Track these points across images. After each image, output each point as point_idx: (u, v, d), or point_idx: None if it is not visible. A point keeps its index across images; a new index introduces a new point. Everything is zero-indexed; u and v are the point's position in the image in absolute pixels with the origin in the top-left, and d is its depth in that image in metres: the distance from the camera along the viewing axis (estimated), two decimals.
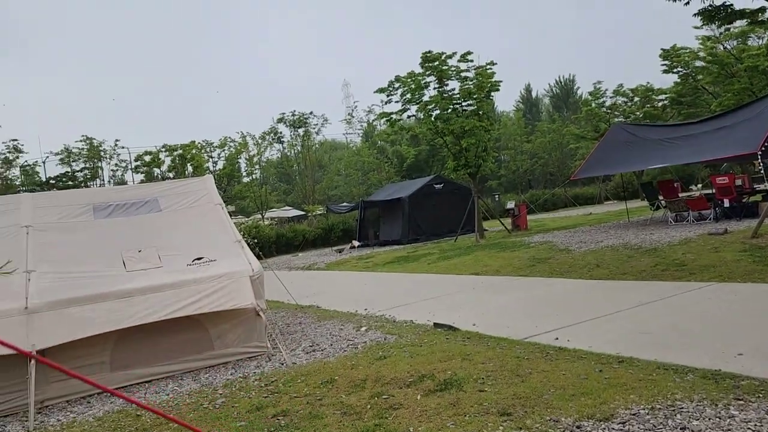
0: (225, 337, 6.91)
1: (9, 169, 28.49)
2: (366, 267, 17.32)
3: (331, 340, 7.31)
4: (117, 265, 6.85)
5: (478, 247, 17.06)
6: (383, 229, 25.10)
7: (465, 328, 7.17)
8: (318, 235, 29.09)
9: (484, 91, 19.19)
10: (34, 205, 7.52)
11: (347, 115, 42.44)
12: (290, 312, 10.17)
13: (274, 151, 44.07)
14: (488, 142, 19.38)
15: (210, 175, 9.16)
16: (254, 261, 7.24)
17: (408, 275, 13.98)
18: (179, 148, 38.74)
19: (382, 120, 22.23)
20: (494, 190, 45.34)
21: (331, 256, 22.52)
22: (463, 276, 12.35)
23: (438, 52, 19.11)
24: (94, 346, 6.24)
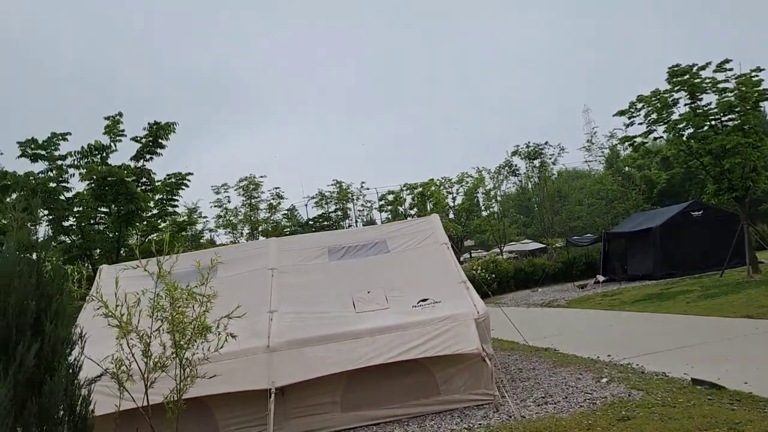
0: (451, 383, 6.66)
1: (273, 213, 32.63)
2: (611, 305, 15.82)
3: (567, 392, 6.60)
4: (348, 306, 7.10)
5: (751, 284, 14.47)
6: (631, 263, 22.88)
7: (733, 386, 5.91)
8: (558, 270, 27.71)
9: (749, 103, 16.53)
10: (279, 249, 8.25)
11: (586, 142, 40.29)
12: (524, 355, 9.59)
13: (509, 184, 43.66)
14: (758, 160, 16.54)
15: (436, 214, 9.16)
16: (479, 303, 6.94)
17: (661, 316, 12.35)
18: (419, 186, 40.62)
19: (625, 144, 20.47)
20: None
21: (572, 292, 21.18)
22: (732, 319, 10.46)
23: (688, 65, 17.06)
24: (327, 386, 6.47)
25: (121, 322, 4.53)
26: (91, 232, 14.38)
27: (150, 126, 14.70)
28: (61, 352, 4.32)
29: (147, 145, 14.67)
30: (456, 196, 45.83)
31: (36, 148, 13.74)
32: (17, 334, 4.17)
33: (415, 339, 6.47)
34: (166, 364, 4.58)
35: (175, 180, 16.08)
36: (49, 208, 13.54)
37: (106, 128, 14.17)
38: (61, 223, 13.82)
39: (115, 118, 14.31)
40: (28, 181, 13.33)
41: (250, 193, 31.50)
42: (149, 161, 14.82)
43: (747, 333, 8.86)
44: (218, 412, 6.36)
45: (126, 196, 13.58)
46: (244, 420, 6.33)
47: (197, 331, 4.65)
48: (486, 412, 6.28)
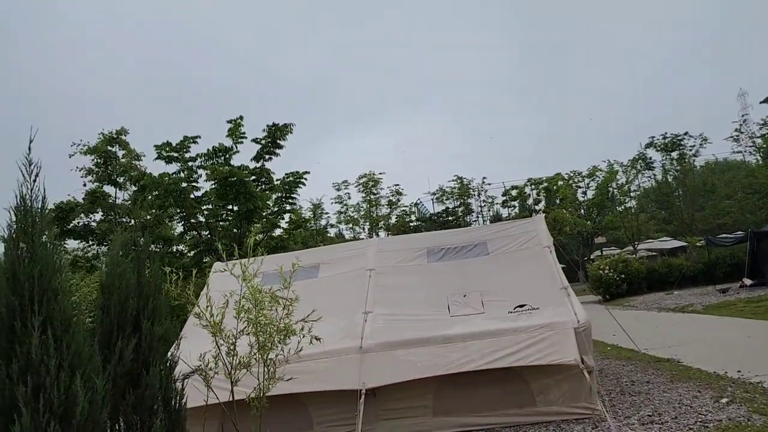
0: (548, 394, 6.35)
1: (393, 209, 33.09)
2: (755, 313, 14.27)
3: (678, 412, 6.04)
4: (442, 310, 7.00)
5: None
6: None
7: None
8: (698, 271, 25.49)
9: None
10: (378, 250, 8.31)
11: (734, 131, 36.58)
12: (641, 366, 8.91)
13: (644, 178, 40.80)
14: None
15: (542, 215, 8.77)
16: (580, 311, 6.53)
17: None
18: (544, 181, 39.20)
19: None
20: None
21: (712, 297, 19.39)
22: None
23: None
24: (418, 389, 6.43)
25: (211, 322, 4.76)
26: (217, 228, 15.43)
27: (269, 128, 15.47)
28: (157, 348, 4.64)
29: (266, 146, 15.46)
30: (586, 190, 43.73)
31: (170, 151, 14.97)
32: (118, 331, 4.54)
33: (509, 346, 6.23)
34: (251, 364, 4.76)
35: (293, 179, 16.80)
36: (180, 206, 14.70)
37: (229, 131, 15.12)
38: (190, 219, 14.96)
39: (237, 122, 15.22)
40: (162, 182, 14.54)
41: (369, 190, 32.20)
42: (268, 161, 15.63)
43: None
44: (312, 408, 6.55)
45: (245, 195, 14.42)
46: (337, 418, 6.45)
47: (280, 333, 4.78)
48: (584, 427, 5.92)
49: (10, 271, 3.83)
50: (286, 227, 19.42)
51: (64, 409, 3.69)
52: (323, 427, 6.48)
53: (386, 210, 32.83)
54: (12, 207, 4.08)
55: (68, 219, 17.64)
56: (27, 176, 4.04)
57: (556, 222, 35.09)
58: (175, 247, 18.24)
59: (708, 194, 40.86)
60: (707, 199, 41.12)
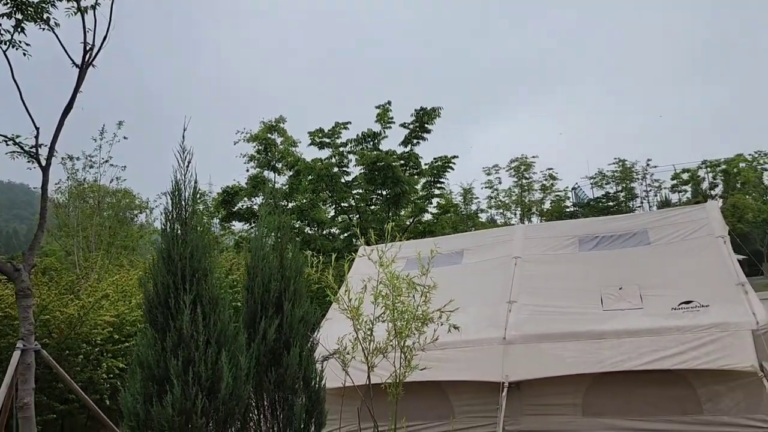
0: (718, 402, 5.62)
1: (547, 194, 31.69)
2: None
3: None
4: (594, 303, 6.47)
5: None
6: None
7: None
8: None
9: None
10: (525, 236, 7.90)
11: None
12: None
13: None
14: None
15: (714, 202, 7.79)
16: (760, 310, 5.68)
17: None
18: (722, 163, 35.31)
19: None
20: None
21: None
22: None
23: None
24: (566, 386, 6.03)
25: (349, 307, 4.78)
26: (367, 212, 15.77)
27: (416, 112, 15.43)
28: (297, 329, 4.76)
29: (414, 130, 15.45)
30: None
31: (322, 137, 15.52)
32: (262, 311, 4.71)
33: (671, 347, 5.61)
34: (387, 350, 4.71)
35: (442, 163, 16.66)
36: (331, 191, 15.21)
37: (378, 116, 15.30)
38: (341, 203, 15.43)
39: (385, 107, 15.36)
40: (315, 167, 15.13)
41: (521, 174, 31.13)
42: (416, 146, 15.60)
43: None
44: (453, 396, 6.42)
45: (393, 179, 14.54)
46: (478, 409, 6.27)
47: (417, 320, 4.68)
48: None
49: (165, 251, 4.10)
50: (434, 212, 19.42)
51: (210, 383, 3.89)
52: (464, 416, 6.33)
53: (539, 195, 31.60)
54: (168, 191, 4.35)
55: (233, 202, 19.09)
56: (181, 162, 4.29)
57: (736, 209, 31.52)
58: (327, 229, 19.01)
59: None
60: None
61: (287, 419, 4.48)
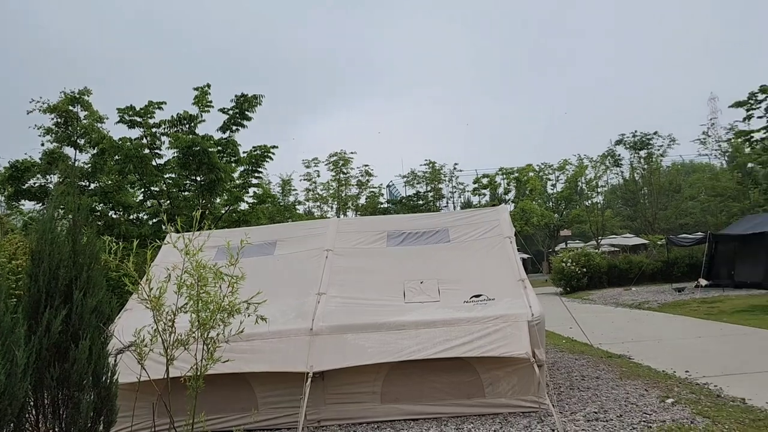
0: (498, 386, 6.28)
1: (363, 190, 32.88)
2: (708, 314, 14.55)
3: (623, 410, 6.04)
4: (397, 295, 6.86)
5: None
6: (740, 269, 20.96)
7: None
8: (657, 269, 25.97)
9: None
10: (338, 230, 8.11)
11: (702, 134, 37.30)
12: (593, 361, 8.95)
13: (612, 175, 41.37)
14: None
15: (505, 205, 8.67)
16: (535, 304, 6.46)
17: (762, 332, 11.17)
18: (515, 171, 39.36)
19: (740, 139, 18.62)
20: None
21: (668, 295, 19.76)
22: None
23: None
24: (367, 375, 6.30)
25: (149, 296, 4.53)
26: (179, 198, 15.00)
27: (237, 98, 15.02)
28: (89, 321, 4.39)
29: (233, 116, 15.02)
30: (556, 183, 44.20)
31: (133, 115, 14.43)
32: (46, 300, 4.27)
33: (461, 336, 6.13)
34: (189, 342, 4.55)
35: (261, 152, 16.41)
36: (140, 173, 14.22)
37: (195, 99, 14.63)
38: (150, 188, 14.50)
39: (204, 89, 14.74)
40: (123, 147, 14.03)
41: (339, 169, 31.86)
42: (235, 132, 15.19)
43: None
44: (258, 388, 6.37)
45: (208, 165, 14.01)
46: (282, 399, 6.30)
47: (222, 311, 4.57)
48: (530, 421, 5.87)
49: None
50: (251, 201, 19.06)
51: None
52: (268, 408, 6.32)
53: (356, 190, 32.63)
54: None
55: (24, 179, 16.97)
56: None
57: (525, 213, 35.42)
58: (135, 214, 17.74)
59: (672, 194, 41.57)
60: (671, 198, 41.83)
61: (71, 418, 4.12)
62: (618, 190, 45.23)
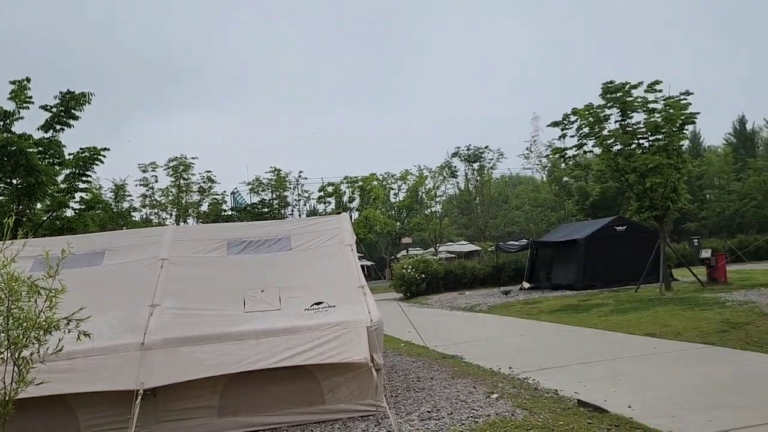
0: (337, 392, 6.39)
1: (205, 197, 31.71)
2: (529, 314, 15.97)
3: (454, 407, 6.44)
4: (237, 305, 6.72)
5: (662, 301, 14.86)
6: (556, 272, 23.30)
7: (617, 410, 5.87)
8: (488, 274, 27.97)
9: (675, 125, 16.96)
10: (174, 238, 7.76)
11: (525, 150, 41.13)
12: (428, 363, 9.43)
13: (449, 185, 44.01)
14: (678, 181, 17.00)
15: (345, 213, 8.87)
16: (374, 310, 6.68)
17: (572, 328, 12.50)
18: (360, 180, 40.29)
19: (557, 155, 20.73)
20: (694, 233, 40.45)
21: (497, 298, 21.37)
22: (635, 337, 10.64)
23: (621, 83, 17.37)
24: (204, 389, 6.09)
25: None
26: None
27: (62, 95, 13.77)
28: None
29: (57, 114, 13.75)
30: (398, 192, 45.94)
31: None
32: None
33: (302, 344, 6.16)
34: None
35: (89, 155, 15.18)
36: None
37: (12, 93, 13.18)
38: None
39: (22, 84, 13.32)
40: None
41: (179, 174, 30.43)
42: (60, 132, 13.90)
43: (645, 353, 8.97)
44: (81, 411, 5.88)
45: (26, 167, 12.67)
46: (109, 420, 5.88)
47: (37, 328, 4.17)
48: (368, 424, 6.05)
49: None
50: (78, 208, 17.54)
51: None
52: (93, 431, 5.86)
53: (197, 197, 31.33)
54: None
55: None
56: None
57: (368, 220, 36.37)
58: None
59: (501, 204, 45.15)
60: (500, 208, 45.40)
61: None
62: (454, 199, 48.13)
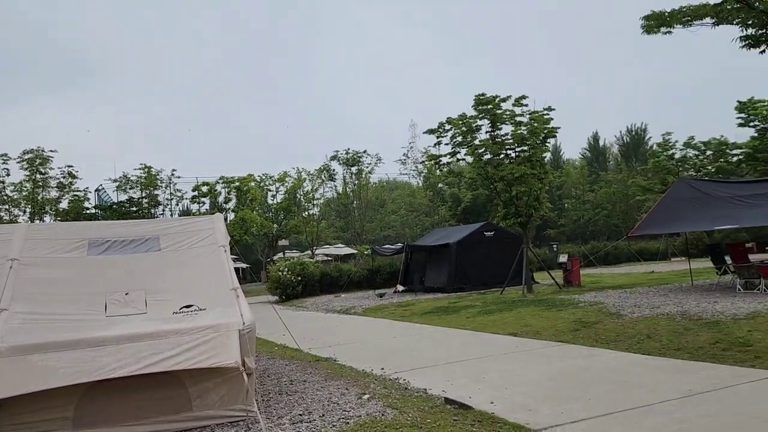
0: (206, 397, 6.18)
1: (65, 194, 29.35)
2: (402, 316, 16.41)
3: (326, 409, 6.46)
4: (98, 309, 6.30)
5: (524, 303, 15.88)
6: (429, 275, 24.14)
7: (480, 406, 6.19)
8: (363, 277, 28.36)
9: (538, 137, 18.24)
10: (27, 237, 7.13)
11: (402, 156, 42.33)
12: (302, 365, 9.39)
13: (327, 188, 44.13)
14: (540, 191, 18.30)
15: (219, 214, 8.62)
16: (247, 313, 6.54)
17: (442, 329, 13.01)
18: (236, 181, 39.26)
19: (432, 162, 21.51)
20: (553, 239, 43.63)
21: (372, 300, 21.72)
22: (499, 336, 11.29)
23: (492, 95, 18.38)
24: (57, 399, 5.64)
25: None
26: None
27: None
28: None
29: None
30: (276, 194, 45.32)
31: None
32: None
33: (169, 349, 5.89)
34: None
35: None
36: None
37: None
38: None
39: None
40: None
41: (35, 168, 27.89)
42: None
43: (508, 351, 9.54)
44: None
45: None
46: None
47: None
48: (238, 430, 5.91)
49: None
50: None
51: None
52: None
53: (56, 193, 28.85)
54: None
55: None
56: None
57: (245, 222, 35.55)
58: None
59: (378, 208, 45.95)
60: (377, 212, 46.20)
61: None
62: (332, 203, 48.32)
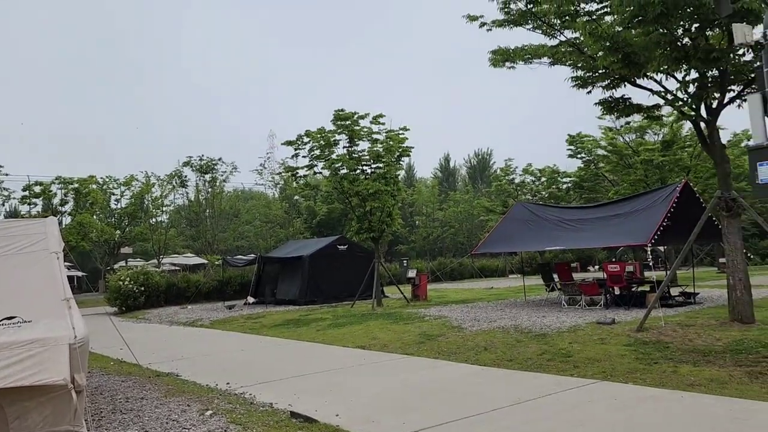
0: (26, 418, 5.63)
1: None
2: (252, 328, 16.09)
3: (165, 427, 6.17)
4: None
5: (373, 316, 16.29)
6: (281, 288, 23.90)
7: (326, 420, 6.27)
8: (213, 288, 27.38)
9: (393, 155, 18.92)
10: None
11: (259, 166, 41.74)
12: (140, 381, 8.87)
13: (178, 195, 42.17)
14: (393, 207, 18.97)
15: (54, 217, 7.95)
16: (80, 325, 6.07)
17: (291, 342, 12.95)
18: (75, 182, 36.23)
19: (289, 174, 21.47)
20: (404, 254, 45.24)
21: (220, 312, 21.03)
22: (348, 349, 11.49)
23: (350, 111, 18.78)
24: None
25: None
26: None
27: None
28: None
29: None
30: (120, 198, 42.43)
31: None
32: None
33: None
34: None
35: None
36: None
37: None
38: None
39: None
40: None
41: None
42: None
43: (354, 364, 9.74)
44: None
45: None
46: None
47: None
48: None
49: None
50: None
51: None
52: None
53: None
54: None
55: None
56: None
57: (83, 227, 32.87)
58: None
59: (232, 218, 44.68)
60: (231, 222, 44.89)
61: None
62: (183, 210, 46.18)
